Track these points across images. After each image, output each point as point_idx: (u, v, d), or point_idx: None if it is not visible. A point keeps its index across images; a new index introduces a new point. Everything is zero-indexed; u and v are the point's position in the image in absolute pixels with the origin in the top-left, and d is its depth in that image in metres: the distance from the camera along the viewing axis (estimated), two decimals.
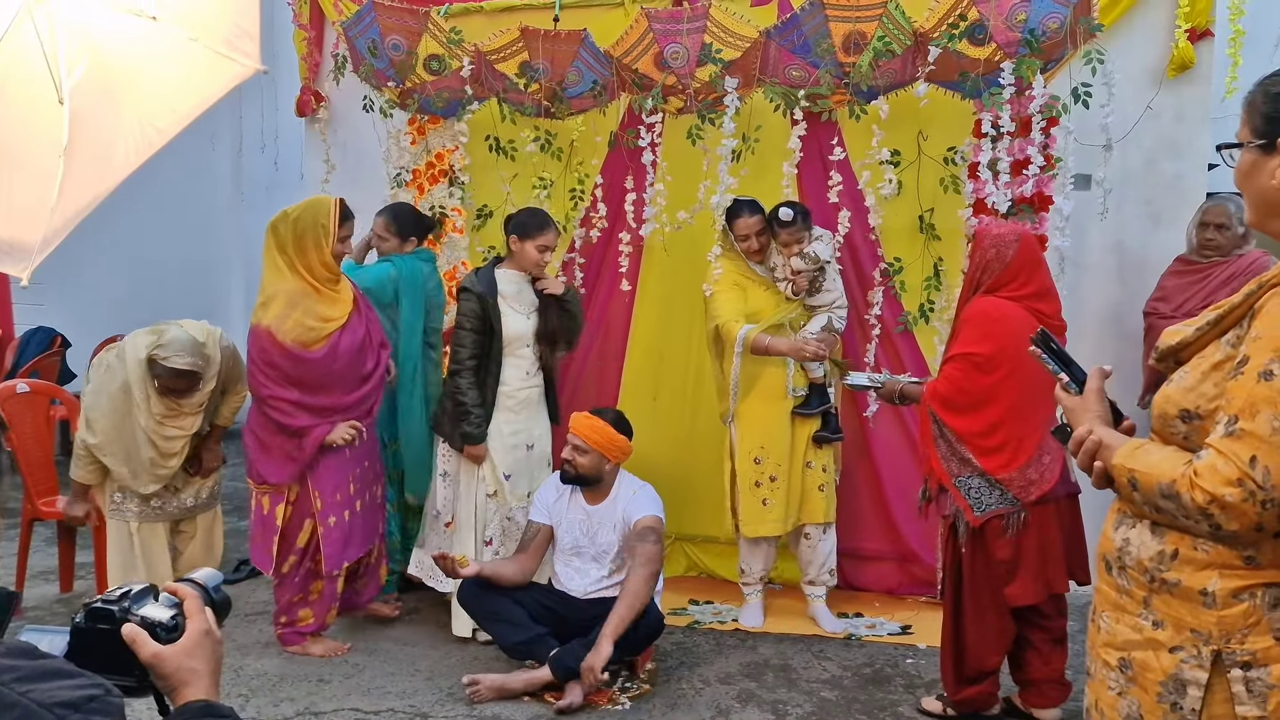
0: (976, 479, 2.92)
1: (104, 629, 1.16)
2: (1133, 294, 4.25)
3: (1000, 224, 3.36)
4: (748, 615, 4.09)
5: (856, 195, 4.17)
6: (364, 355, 3.69)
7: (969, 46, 3.75)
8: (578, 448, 3.56)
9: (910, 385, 3.16)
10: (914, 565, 4.37)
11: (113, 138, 1.17)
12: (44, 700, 1.00)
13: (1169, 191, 4.27)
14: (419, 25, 4.28)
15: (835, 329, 4.01)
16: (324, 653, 3.73)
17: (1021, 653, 3.08)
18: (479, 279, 3.85)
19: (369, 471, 3.84)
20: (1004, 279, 2.94)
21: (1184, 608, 1.45)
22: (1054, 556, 2.95)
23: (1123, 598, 1.54)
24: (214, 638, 1.22)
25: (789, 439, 4.00)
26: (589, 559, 3.62)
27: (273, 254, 3.58)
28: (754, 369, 4.02)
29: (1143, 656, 1.50)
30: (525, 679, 3.38)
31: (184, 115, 1.27)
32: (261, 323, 3.54)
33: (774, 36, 3.95)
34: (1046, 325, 2.87)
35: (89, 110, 1.18)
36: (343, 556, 3.70)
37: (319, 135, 5.05)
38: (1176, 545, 1.46)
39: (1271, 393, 1.33)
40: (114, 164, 1.17)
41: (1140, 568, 1.50)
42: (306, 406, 3.59)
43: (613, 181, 4.49)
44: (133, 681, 1.16)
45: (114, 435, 3.65)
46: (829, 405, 4.05)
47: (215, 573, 1.31)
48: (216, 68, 1.28)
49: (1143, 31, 4.16)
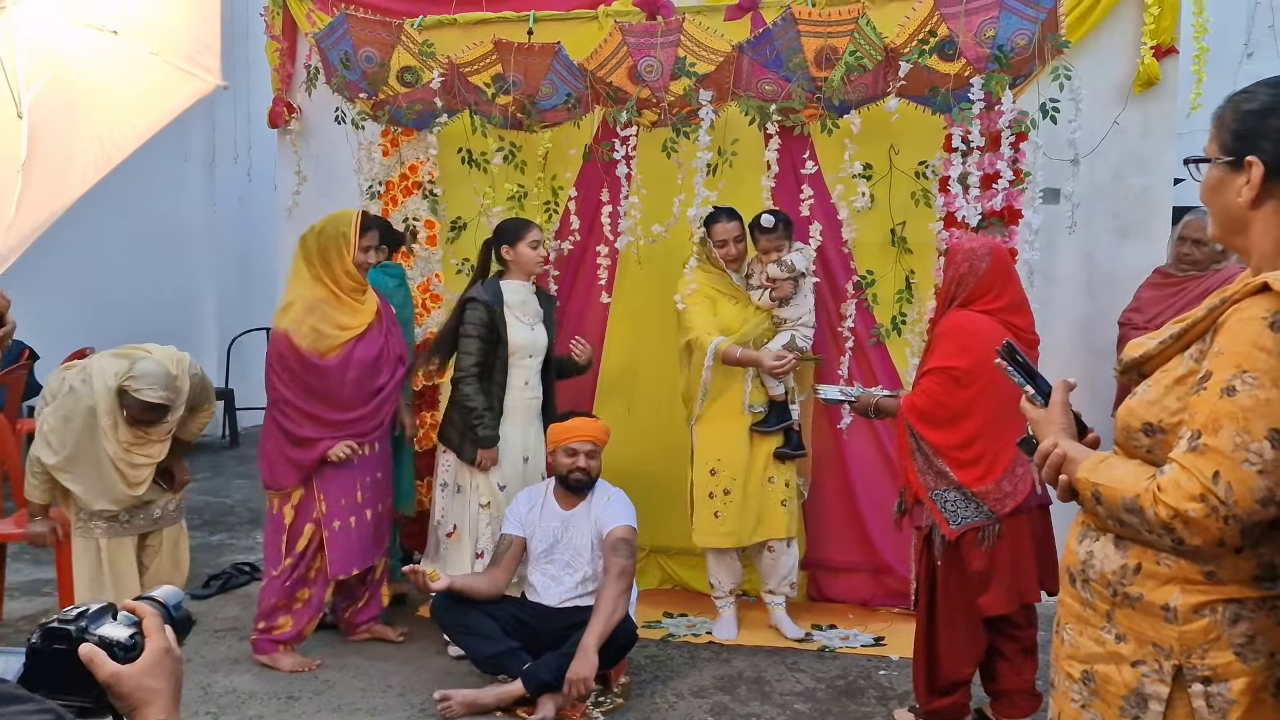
0: (953, 492, 2.94)
1: (60, 649, 1.14)
2: (1102, 307, 4.30)
3: (973, 238, 3.39)
4: (721, 628, 4.09)
5: (829, 209, 4.19)
6: (378, 368, 3.74)
7: (939, 62, 3.79)
8: (591, 453, 3.59)
9: (885, 399, 3.17)
10: (887, 577, 4.38)
11: (71, 153, 1.15)
12: None
13: (1136, 205, 4.32)
14: (392, 37, 4.28)
15: (798, 347, 4.00)
16: (292, 667, 3.69)
17: (993, 663, 3.10)
18: (486, 290, 3.89)
19: (380, 484, 3.87)
20: (977, 292, 2.96)
21: (1146, 622, 1.45)
22: (1026, 567, 2.97)
23: (1086, 610, 1.54)
24: (174, 656, 1.20)
25: (747, 454, 4.01)
26: (563, 565, 3.61)
27: (299, 264, 3.69)
28: (715, 382, 4.05)
29: (1105, 670, 1.50)
30: (497, 694, 3.36)
31: (143, 131, 1.26)
32: (279, 326, 3.63)
33: (747, 51, 3.97)
34: (1020, 339, 2.91)
35: (48, 125, 1.16)
36: (350, 563, 3.72)
37: (291, 147, 5.03)
38: (1139, 559, 1.46)
39: (1234, 408, 1.33)
40: (71, 179, 1.16)
41: (1104, 581, 1.50)
42: (314, 417, 3.63)
43: (587, 195, 4.50)
44: (90, 702, 1.15)
45: (77, 457, 3.59)
46: (790, 422, 4.04)
47: (176, 590, 1.30)
48: (177, 83, 1.27)
49: (1109, 48, 4.21)
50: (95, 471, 3.60)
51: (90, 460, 3.59)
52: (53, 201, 1.12)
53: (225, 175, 8.57)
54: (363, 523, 3.76)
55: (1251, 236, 1.45)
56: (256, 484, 6.89)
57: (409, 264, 4.62)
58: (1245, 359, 1.34)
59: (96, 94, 1.20)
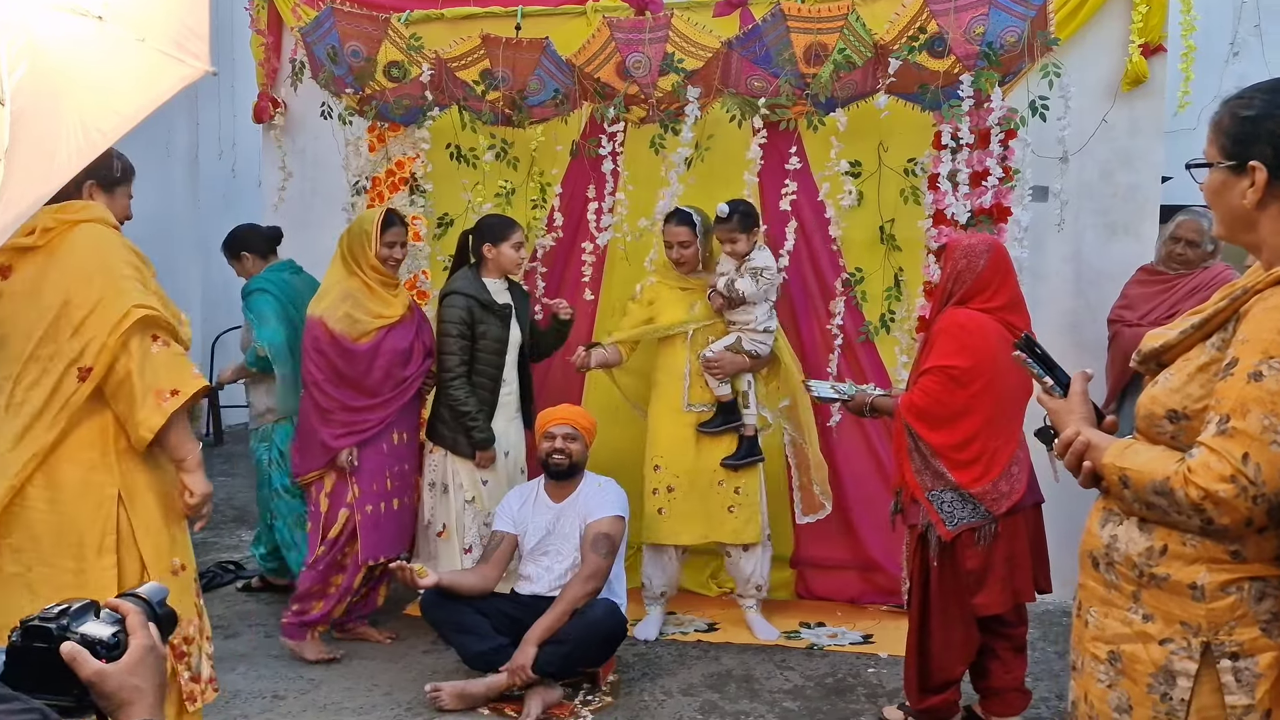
0: (950, 493, 2.92)
1: (41, 647, 1.12)
2: (1090, 304, 4.30)
3: (972, 235, 3.38)
4: (642, 628, 4.01)
5: (817, 206, 4.18)
6: (406, 360, 3.84)
7: (929, 59, 3.79)
8: (569, 436, 3.57)
9: (881, 398, 3.13)
10: (876, 574, 4.38)
11: (55, 140, 1.13)
12: None
13: (1124, 203, 4.33)
14: (379, 32, 4.24)
15: (744, 349, 3.92)
16: (315, 656, 3.75)
17: (983, 661, 3.09)
18: (468, 284, 3.89)
19: (408, 476, 3.95)
20: (975, 289, 2.93)
21: (1173, 601, 1.51)
22: (1022, 566, 2.96)
23: (1111, 592, 1.61)
24: (158, 654, 1.18)
25: (691, 454, 3.96)
26: (555, 554, 3.60)
27: (337, 258, 3.86)
28: (656, 378, 4.06)
29: (1132, 649, 1.56)
30: (486, 683, 3.36)
31: (129, 117, 1.23)
32: (314, 313, 3.76)
33: (736, 47, 3.96)
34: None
35: (30, 112, 1.13)
36: (379, 548, 3.79)
37: (275, 142, 4.98)
38: (1165, 541, 1.52)
39: (1261, 393, 1.40)
40: (55, 166, 1.13)
41: (1129, 563, 1.57)
42: (343, 403, 3.73)
43: (574, 191, 4.48)
44: (71, 701, 1.13)
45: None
46: (737, 424, 3.96)
47: (160, 587, 1.28)
48: (164, 69, 1.25)
49: (1097, 46, 4.22)
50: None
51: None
52: (38, 188, 1.09)
53: (209, 171, 8.49)
54: (391, 511, 3.85)
55: (1260, 234, 1.52)
56: (241, 481, 6.87)
57: None
58: (1271, 345, 1.41)
59: (80, 80, 1.18)
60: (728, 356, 3.91)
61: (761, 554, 4.05)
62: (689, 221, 3.95)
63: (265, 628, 4.09)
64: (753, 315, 3.93)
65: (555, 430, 3.58)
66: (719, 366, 3.90)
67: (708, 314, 4.00)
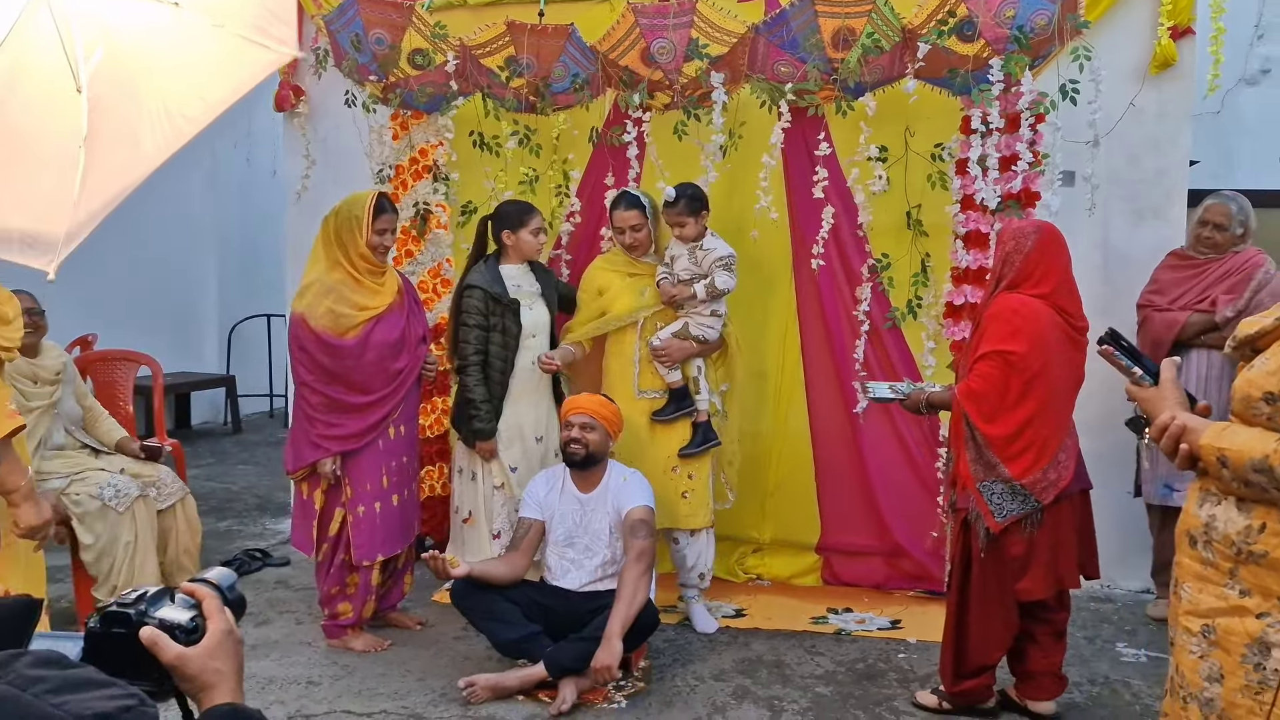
0: (1000, 484, 2.90)
1: (120, 633, 1.13)
2: (1118, 290, 4.28)
3: (1026, 219, 3.37)
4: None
5: (844, 191, 4.17)
6: (398, 350, 3.69)
7: (958, 43, 3.77)
8: (586, 425, 3.53)
9: (937, 393, 3.12)
10: (901, 560, 4.38)
11: (137, 127, 1.12)
12: (79, 712, 0.96)
13: (1152, 188, 4.31)
14: (403, 19, 4.24)
15: (691, 335, 3.88)
16: (364, 647, 3.73)
17: (1022, 645, 3.09)
18: (483, 277, 3.87)
19: (407, 468, 3.83)
20: (1024, 273, 2.92)
21: (1271, 577, 1.59)
22: (1066, 552, 2.96)
23: (1207, 569, 1.68)
24: (235, 638, 1.19)
25: (645, 441, 3.92)
26: (583, 549, 3.60)
27: (318, 247, 3.66)
28: (607, 364, 4.04)
29: (1227, 623, 1.63)
30: (520, 676, 3.36)
31: (215, 104, 1.23)
32: (296, 309, 3.61)
33: (763, 32, 3.95)
34: (1069, 324, 2.89)
35: (109, 99, 1.13)
36: (374, 549, 3.69)
37: (298, 131, 4.97)
38: (1264, 519, 1.59)
39: None
40: (142, 154, 1.13)
41: (1227, 541, 1.64)
42: (333, 400, 3.60)
43: (596, 178, 4.47)
44: (151, 686, 1.13)
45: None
46: (690, 410, 3.92)
47: (229, 572, 1.29)
48: (247, 54, 1.24)
49: (1125, 29, 4.19)
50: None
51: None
52: (124, 176, 1.09)
53: (225, 161, 8.49)
54: (389, 508, 3.73)
55: None
56: (261, 470, 6.90)
57: (420, 248, 4.60)
58: None
59: (156, 66, 1.17)
60: (675, 343, 3.88)
61: (706, 540, 3.99)
62: (638, 205, 3.92)
63: (296, 614, 4.11)
64: (699, 304, 3.88)
65: (574, 419, 3.57)
66: (666, 354, 3.86)
67: (658, 299, 3.96)
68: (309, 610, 4.09)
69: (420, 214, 4.54)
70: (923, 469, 4.28)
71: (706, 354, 4.00)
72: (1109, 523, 3.73)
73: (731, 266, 3.88)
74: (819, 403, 4.43)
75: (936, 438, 4.17)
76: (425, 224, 4.56)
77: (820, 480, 4.46)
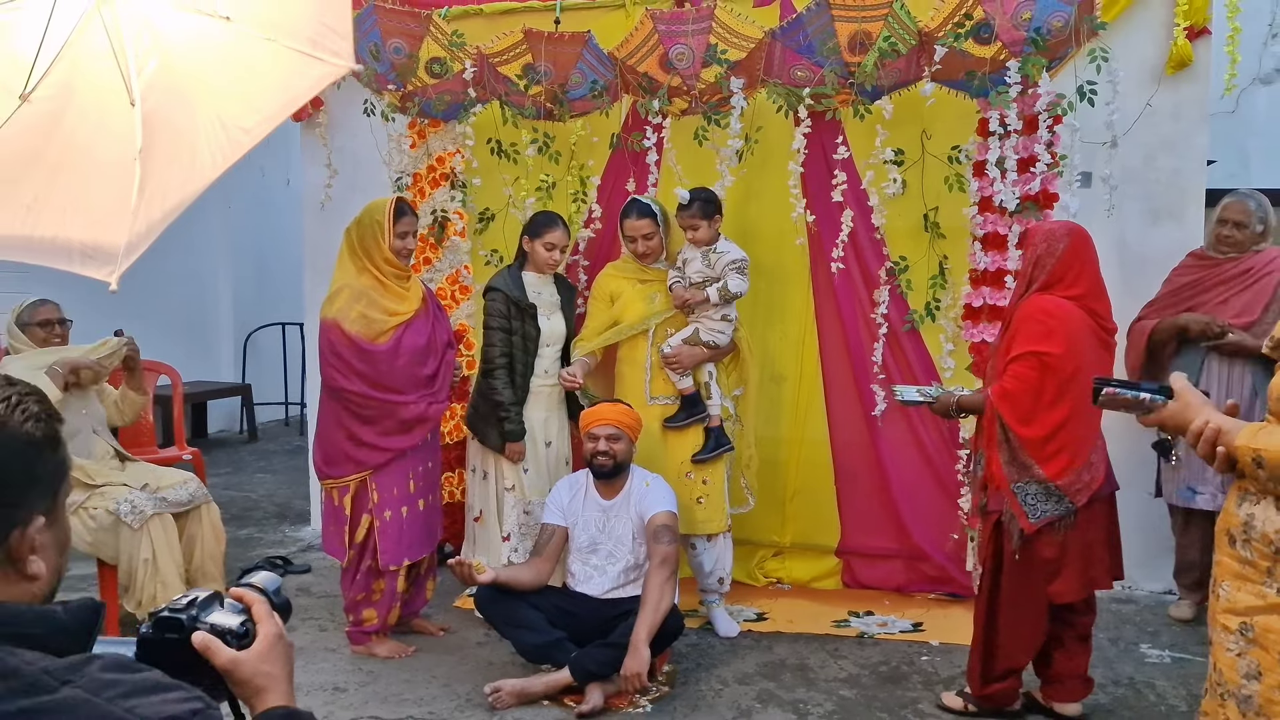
0: (1035, 485, 2.90)
1: (173, 638, 1.14)
2: (1135, 290, 4.27)
3: (1055, 221, 3.37)
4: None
5: (860, 194, 4.19)
6: (427, 355, 3.72)
7: (974, 46, 3.77)
8: (612, 436, 3.54)
9: (967, 396, 3.11)
10: (922, 563, 4.38)
11: (194, 139, 1.14)
12: (149, 715, 0.98)
13: (1168, 189, 4.31)
14: (421, 28, 4.26)
15: (702, 340, 3.89)
16: (388, 653, 3.74)
17: (1047, 649, 3.08)
18: (504, 280, 3.91)
19: (432, 473, 3.86)
20: (1056, 275, 2.92)
21: None
22: (1098, 554, 2.96)
23: (1245, 568, 1.68)
24: (286, 641, 1.21)
25: (658, 447, 3.91)
26: (605, 555, 3.61)
27: (344, 255, 3.70)
28: (620, 371, 4.05)
29: (1265, 620, 1.64)
30: (545, 682, 3.37)
31: (271, 116, 1.25)
32: (327, 316, 3.62)
33: (779, 37, 3.96)
34: (1100, 326, 2.89)
35: (163, 112, 1.15)
36: (400, 554, 3.70)
37: (318, 140, 5.00)
38: None
39: None
40: (199, 166, 1.15)
41: (1265, 540, 1.64)
42: (373, 400, 3.61)
43: (615, 184, 4.49)
44: (202, 690, 1.15)
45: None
46: (702, 416, 3.92)
47: (274, 577, 1.30)
48: (302, 67, 1.26)
49: (1141, 29, 4.20)
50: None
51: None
52: (183, 189, 1.11)
53: (239, 171, 8.48)
54: (415, 513, 3.75)
55: None
56: (278, 478, 6.92)
57: (438, 255, 4.62)
58: None
59: (209, 79, 1.19)
60: (685, 350, 3.89)
61: (724, 545, 3.99)
62: (650, 213, 3.93)
63: (319, 621, 4.13)
64: (710, 309, 3.89)
65: (598, 431, 3.57)
66: (677, 361, 3.87)
67: (669, 305, 3.97)
68: (332, 617, 4.11)
69: (438, 221, 4.56)
70: (942, 471, 4.28)
71: (718, 359, 4.01)
72: (1130, 524, 3.71)
73: (744, 270, 3.90)
74: (838, 406, 4.43)
75: (956, 440, 4.17)
76: (443, 231, 4.58)
77: (840, 483, 4.46)
